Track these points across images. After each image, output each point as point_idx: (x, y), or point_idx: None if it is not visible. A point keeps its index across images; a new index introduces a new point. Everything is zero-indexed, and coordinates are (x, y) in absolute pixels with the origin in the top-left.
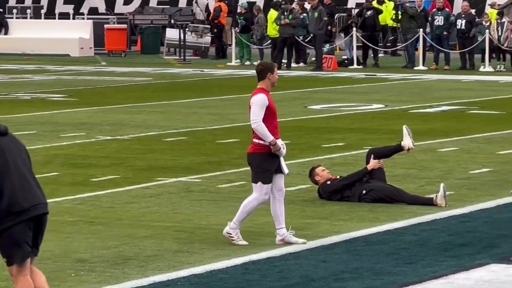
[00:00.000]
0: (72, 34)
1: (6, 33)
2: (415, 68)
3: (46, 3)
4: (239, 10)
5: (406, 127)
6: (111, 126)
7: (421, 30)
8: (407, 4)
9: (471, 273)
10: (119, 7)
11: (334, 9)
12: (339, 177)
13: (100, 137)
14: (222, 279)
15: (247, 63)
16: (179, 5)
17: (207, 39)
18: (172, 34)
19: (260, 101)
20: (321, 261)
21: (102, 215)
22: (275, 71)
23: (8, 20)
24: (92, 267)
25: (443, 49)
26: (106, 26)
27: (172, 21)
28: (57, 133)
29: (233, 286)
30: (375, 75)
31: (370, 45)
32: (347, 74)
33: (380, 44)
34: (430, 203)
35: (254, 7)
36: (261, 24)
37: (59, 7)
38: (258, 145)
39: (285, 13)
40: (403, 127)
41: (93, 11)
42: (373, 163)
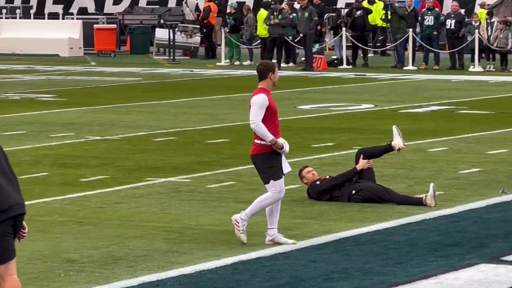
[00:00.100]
0: (61, 34)
1: None
2: (405, 68)
3: (35, 3)
4: (229, 10)
5: (396, 127)
6: (100, 126)
7: (411, 30)
8: (397, 4)
9: (461, 273)
10: (109, 7)
11: (323, 9)
12: (328, 177)
13: (89, 137)
14: (211, 279)
15: (237, 63)
16: (169, 5)
17: (197, 39)
18: (161, 34)
19: (259, 101)
20: (310, 261)
21: (91, 215)
22: (276, 70)
23: None
24: (81, 267)
25: (432, 49)
26: (95, 26)
27: (161, 21)
28: (47, 133)
29: (223, 286)
30: (365, 75)
31: (359, 45)
32: (336, 74)
33: (369, 44)
34: (419, 203)
35: (243, 7)
36: (251, 24)
37: (49, 7)
38: (260, 145)
39: (275, 13)
40: (393, 127)
41: (83, 11)
42: (363, 163)
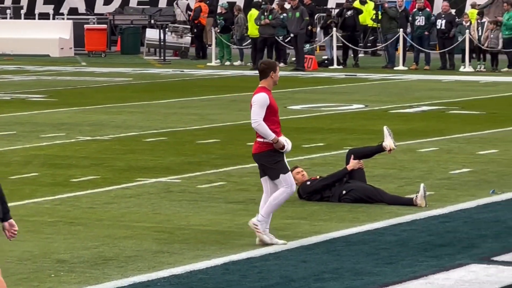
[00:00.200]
0: (52, 34)
1: None
2: (395, 68)
3: (26, 3)
4: (219, 10)
5: (386, 127)
6: (91, 126)
7: (401, 30)
8: (387, 4)
9: (451, 273)
10: (99, 7)
11: (314, 9)
12: (319, 177)
13: (80, 138)
14: (202, 279)
15: (227, 63)
16: (159, 6)
17: (187, 39)
18: (152, 34)
19: (260, 100)
20: (301, 261)
21: (82, 216)
22: (278, 69)
23: None
24: (72, 267)
25: (423, 49)
26: (86, 26)
27: (152, 21)
28: (37, 134)
29: (213, 286)
30: (355, 75)
31: (350, 46)
32: (327, 74)
33: (360, 44)
34: (410, 203)
35: (234, 7)
36: (241, 24)
37: (39, 8)
38: (264, 143)
39: (265, 13)
40: (384, 128)
41: (73, 11)
42: (353, 164)
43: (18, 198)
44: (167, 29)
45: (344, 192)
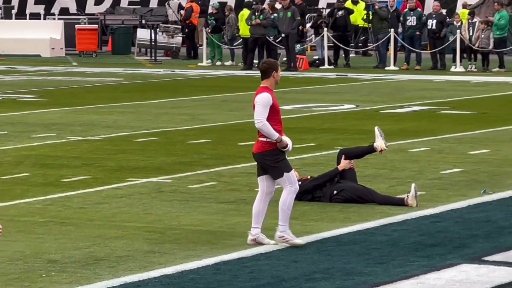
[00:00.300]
0: (43, 34)
1: None
2: (386, 68)
3: (17, 3)
4: (210, 10)
5: (378, 128)
6: (82, 126)
7: (392, 30)
8: (377, 6)
9: (442, 273)
10: (90, 8)
11: (305, 9)
12: (310, 177)
13: (71, 138)
14: (193, 279)
15: (218, 63)
16: (150, 6)
17: (178, 39)
18: (143, 34)
19: (264, 100)
20: (292, 261)
21: (73, 216)
22: (279, 69)
23: None
24: (63, 267)
25: (414, 49)
26: (77, 26)
27: (143, 22)
28: (28, 134)
29: (204, 286)
30: (346, 75)
31: (341, 46)
32: (318, 74)
33: (351, 44)
34: (401, 203)
35: (226, 7)
36: (232, 24)
37: (30, 8)
38: (266, 143)
39: (256, 14)
40: (375, 128)
41: (64, 11)
42: (344, 164)
43: (9, 198)
44: (158, 29)
45: (335, 192)
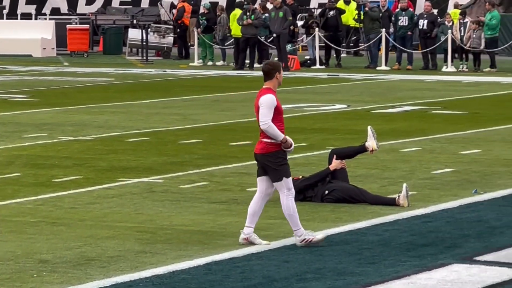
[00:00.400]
0: (34, 34)
1: None
2: (378, 68)
3: (8, 3)
4: (202, 10)
5: (370, 128)
6: (73, 126)
7: (384, 30)
8: (367, 8)
9: (434, 273)
10: (82, 7)
11: (296, 9)
12: (301, 177)
13: (62, 138)
14: (184, 279)
15: (210, 63)
16: (142, 6)
17: (169, 39)
18: (134, 34)
19: (268, 102)
20: (283, 261)
21: (64, 216)
22: (281, 70)
23: None
24: (54, 267)
25: (405, 49)
26: (68, 26)
27: (134, 22)
28: (19, 134)
29: (196, 286)
30: (338, 75)
31: (332, 46)
32: (309, 74)
33: (342, 44)
34: (392, 203)
35: (217, 7)
36: (223, 24)
37: (21, 8)
38: (271, 144)
39: (247, 14)
40: (368, 128)
41: (55, 11)
42: (336, 164)
43: (0, 198)
44: (149, 29)
45: (326, 192)
